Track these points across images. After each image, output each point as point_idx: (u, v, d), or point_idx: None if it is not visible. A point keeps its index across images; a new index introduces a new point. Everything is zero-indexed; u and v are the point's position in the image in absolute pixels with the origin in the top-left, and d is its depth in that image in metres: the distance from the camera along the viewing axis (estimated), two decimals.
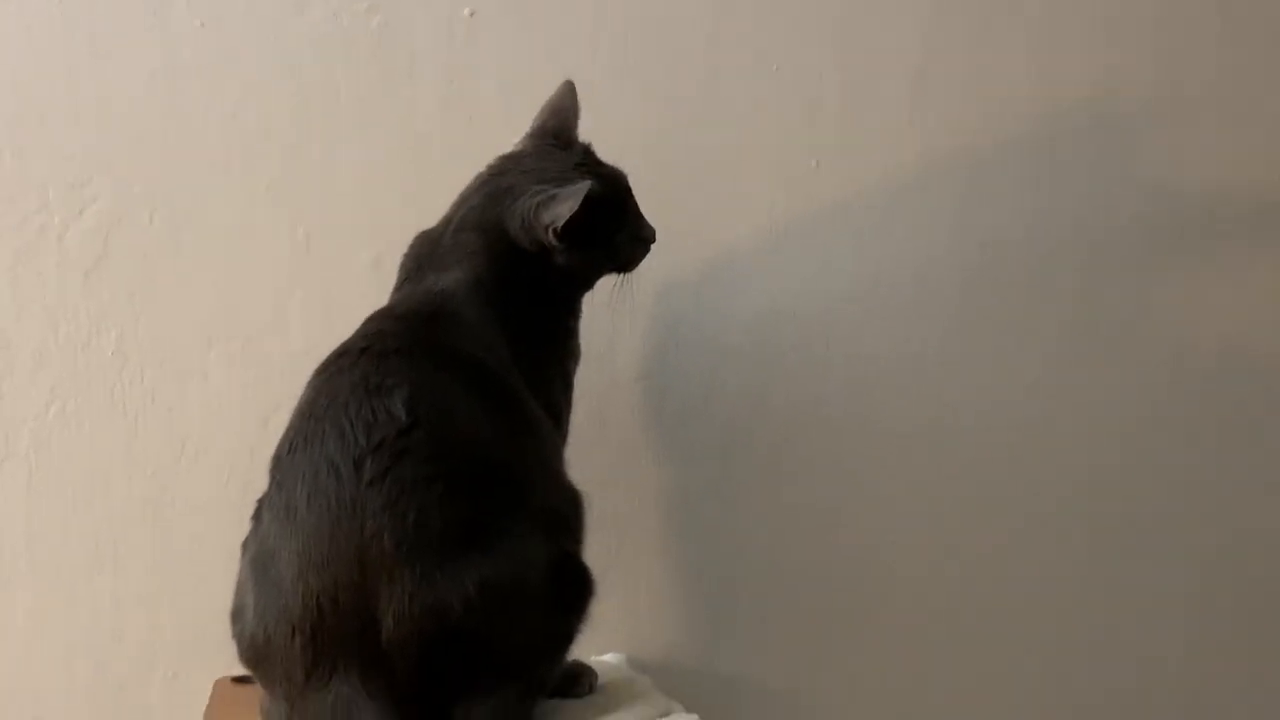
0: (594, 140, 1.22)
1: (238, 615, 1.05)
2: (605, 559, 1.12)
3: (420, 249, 1.20)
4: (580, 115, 1.22)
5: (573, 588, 1.07)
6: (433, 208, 1.21)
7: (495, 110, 1.38)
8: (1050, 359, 1.58)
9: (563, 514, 1.10)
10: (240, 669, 1.07)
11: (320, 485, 0.99)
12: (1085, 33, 1.55)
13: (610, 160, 1.22)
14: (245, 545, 1.06)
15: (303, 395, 1.08)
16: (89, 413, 1.35)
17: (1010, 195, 1.55)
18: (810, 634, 1.54)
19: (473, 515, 1.00)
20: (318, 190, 1.38)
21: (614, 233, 1.18)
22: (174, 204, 1.35)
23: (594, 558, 1.11)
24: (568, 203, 1.09)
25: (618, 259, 1.21)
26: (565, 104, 1.23)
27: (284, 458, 1.03)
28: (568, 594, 1.07)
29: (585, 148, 1.21)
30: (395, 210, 1.30)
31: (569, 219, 1.09)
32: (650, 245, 1.22)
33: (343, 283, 1.37)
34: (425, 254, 1.18)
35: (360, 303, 1.17)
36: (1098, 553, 1.61)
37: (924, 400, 1.55)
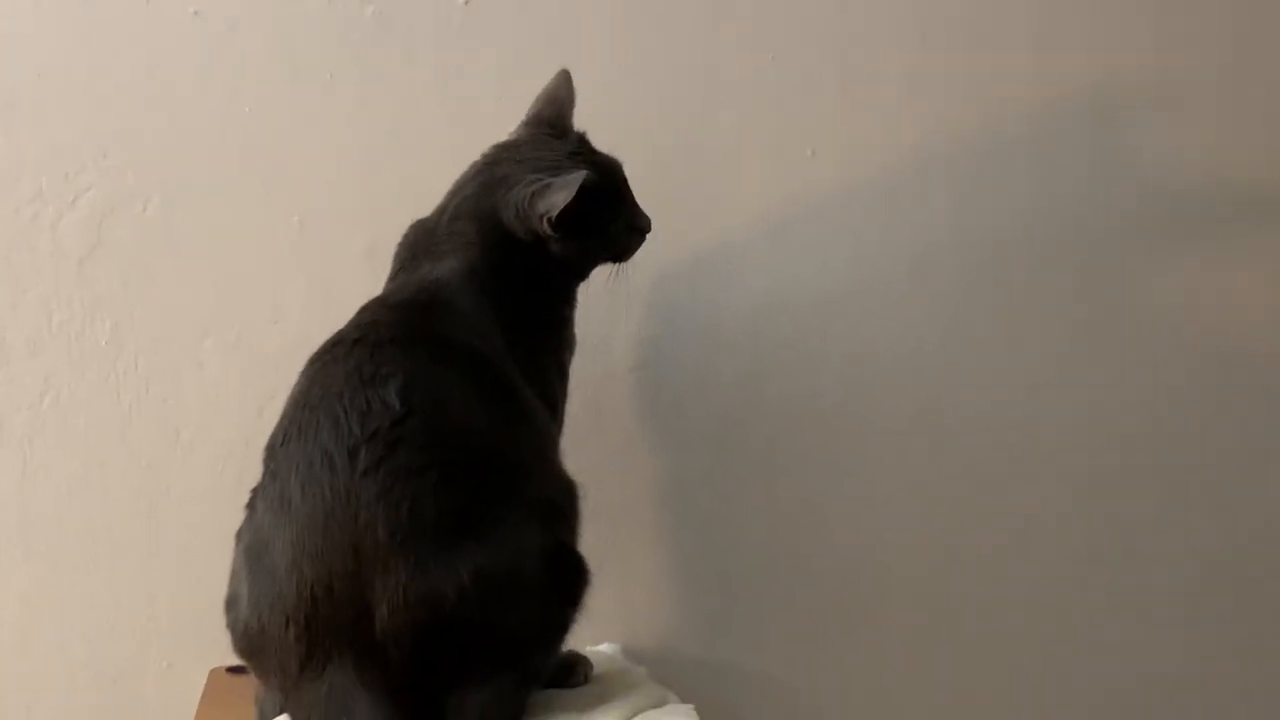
0: (589, 129, 1.22)
1: (232, 605, 1.05)
2: (600, 549, 1.11)
3: (415, 238, 1.19)
4: (575, 104, 1.22)
5: (568, 577, 1.07)
6: (428, 196, 1.20)
7: (490, 99, 1.38)
8: (1047, 352, 1.58)
9: (558, 504, 1.09)
10: (235, 659, 1.07)
11: (314, 475, 0.99)
12: (1083, 26, 1.55)
13: (605, 149, 1.21)
14: (239, 535, 1.06)
15: (297, 385, 1.08)
16: (83, 402, 1.35)
17: (1007, 187, 1.55)
18: (805, 623, 1.54)
19: (467, 505, 1.00)
20: (312, 179, 1.38)
21: (609, 222, 1.18)
22: (168, 193, 1.35)
23: (589, 547, 1.11)
24: (562, 192, 1.09)
25: (613, 248, 1.20)
26: (561, 93, 1.22)
27: (278, 447, 1.03)
28: (563, 584, 1.06)
29: (580, 137, 1.21)
30: (390, 199, 1.29)
31: (564, 208, 1.09)
32: (645, 235, 1.22)
33: (337, 272, 1.37)
34: (420, 243, 1.18)
35: (355, 292, 1.17)
36: (1093, 546, 1.61)
37: (919, 391, 1.55)
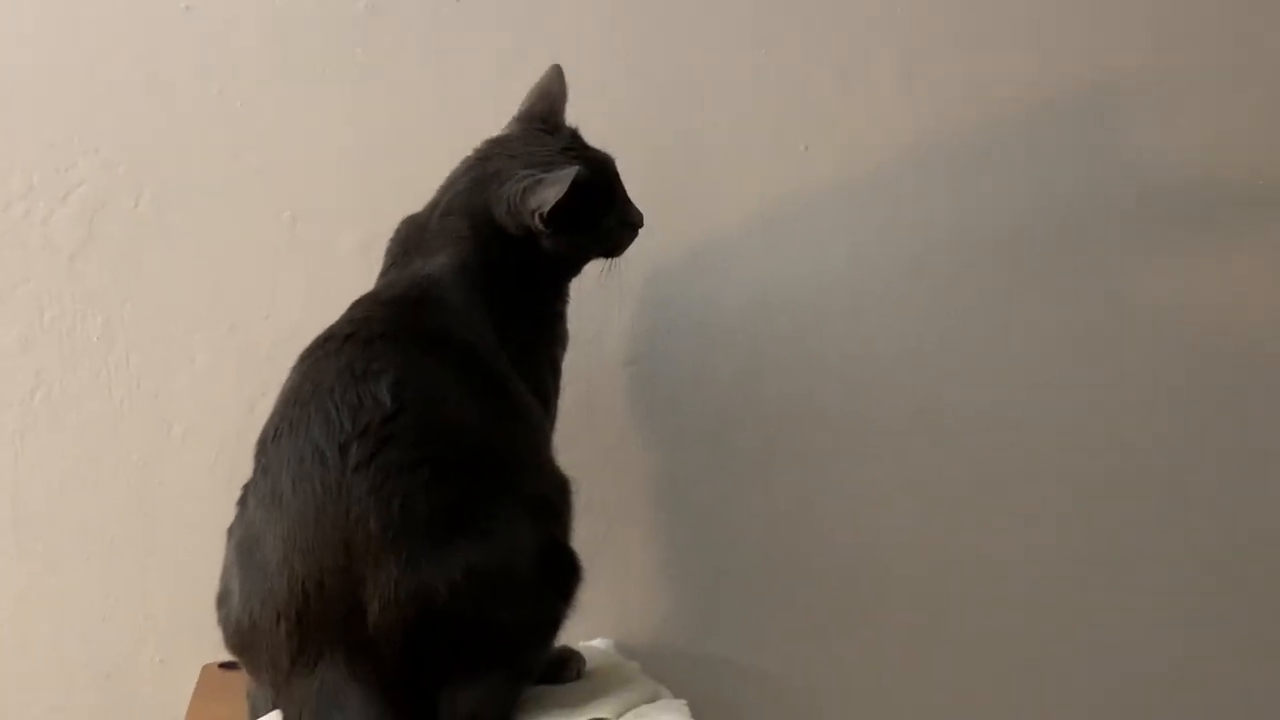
0: (581, 124, 1.22)
1: (223, 601, 1.05)
2: (593, 544, 1.12)
3: (406, 234, 1.19)
4: (568, 99, 1.22)
5: (560, 573, 1.07)
6: (419, 192, 1.20)
7: (482, 94, 1.37)
8: (1044, 348, 1.57)
9: (550, 499, 1.09)
10: (228, 655, 1.07)
11: (306, 470, 0.98)
12: (1080, 22, 1.55)
13: (598, 144, 1.21)
14: (231, 530, 1.06)
15: (288, 380, 1.07)
16: (75, 398, 1.35)
17: (1004, 181, 1.55)
18: (798, 619, 1.54)
19: (459, 501, 1.00)
20: (304, 174, 1.38)
21: (601, 218, 1.18)
22: (160, 188, 1.35)
23: (582, 543, 1.11)
24: (554, 188, 1.09)
25: (605, 244, 1.20)
26: (553, 88, 1.22)
27: (269, 443, 1.03)
28: (555, 579, 1.06)
29: (573, 132, 1.21)
30: (382, 194, 1.29)
31: (556, 204, 1.09)
32: (638, 230, 1.22)
33: (329, 267, 1.37)
34: (411, 239, 1.18)
35: (347, 287, 1.17)
36: (1089, 540, 1.60)
37: (916, 388, 1.55)
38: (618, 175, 1.21)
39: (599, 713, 1.10)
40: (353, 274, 1.25)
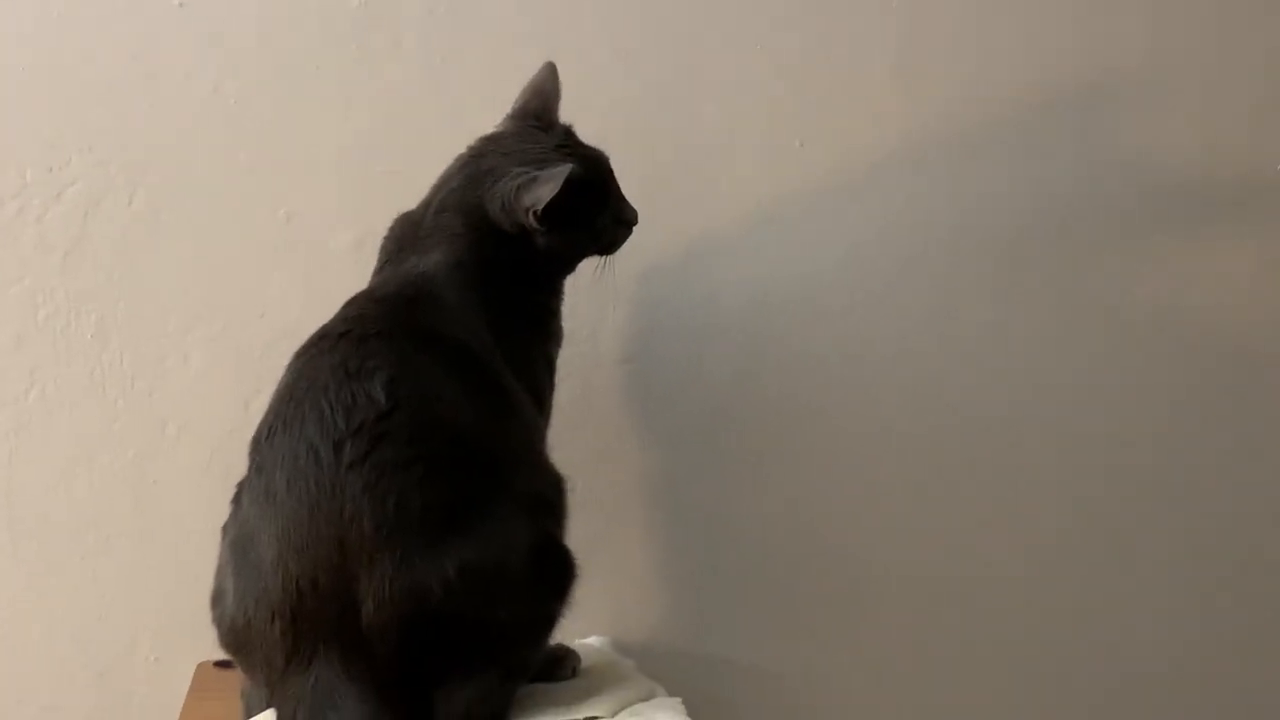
0: (575, 122, 1.22)
1: (218, 599, 1.05)
2: (588, 542, 1.11)
3: (401, 231, 1.19)
4: (561, 96, 1.22)
5: (555, 571, 1.07)
6: (414, 189, 1.20)
7: (477, 91, 1.37)
8: (1040, 346, 1.57)
9: (545, 497, 1.09)
10: (222, 653, 1.07)
11: (300, 469, 0.98)
12: (1073, 18, 1.54)
13: (592, 142, 1.21)
14: (225, 529, 1.06)
15: (282, 378, 1.07)
16: (69, 396, 1.35)
17: (1001, 179, 1.55)
18: (794, 617, 1.54)
19: (453, 498, 1.00)
20: (299, 172, 1.37)
21: (595, 215, 1.18)
22: (153, 186, 1.35)
23: (577, 541, 1.10)
24: (548, 185, 1.08)
25: (599, 241, 1.20)
26: (547, 85, 1.22)
27: (263, 441, 1.03)
28: (550, 577, 1.06)
29: (567, 129, 1.21)
30: (376, 191, 1.29)
31: (549, 201, 1.09)
32: (632, 227, 1.22)
33: (324, 265, 1.36)
34: (406, 236, 1.18)
35: (341, 285, 1.16)
36: (1088, 539, 1.60)
37: (911, 385, 1.54)
38: (612, 172, 1.21)
39: (594, 711, 1.10)
40: (347, 272, 1.24)
